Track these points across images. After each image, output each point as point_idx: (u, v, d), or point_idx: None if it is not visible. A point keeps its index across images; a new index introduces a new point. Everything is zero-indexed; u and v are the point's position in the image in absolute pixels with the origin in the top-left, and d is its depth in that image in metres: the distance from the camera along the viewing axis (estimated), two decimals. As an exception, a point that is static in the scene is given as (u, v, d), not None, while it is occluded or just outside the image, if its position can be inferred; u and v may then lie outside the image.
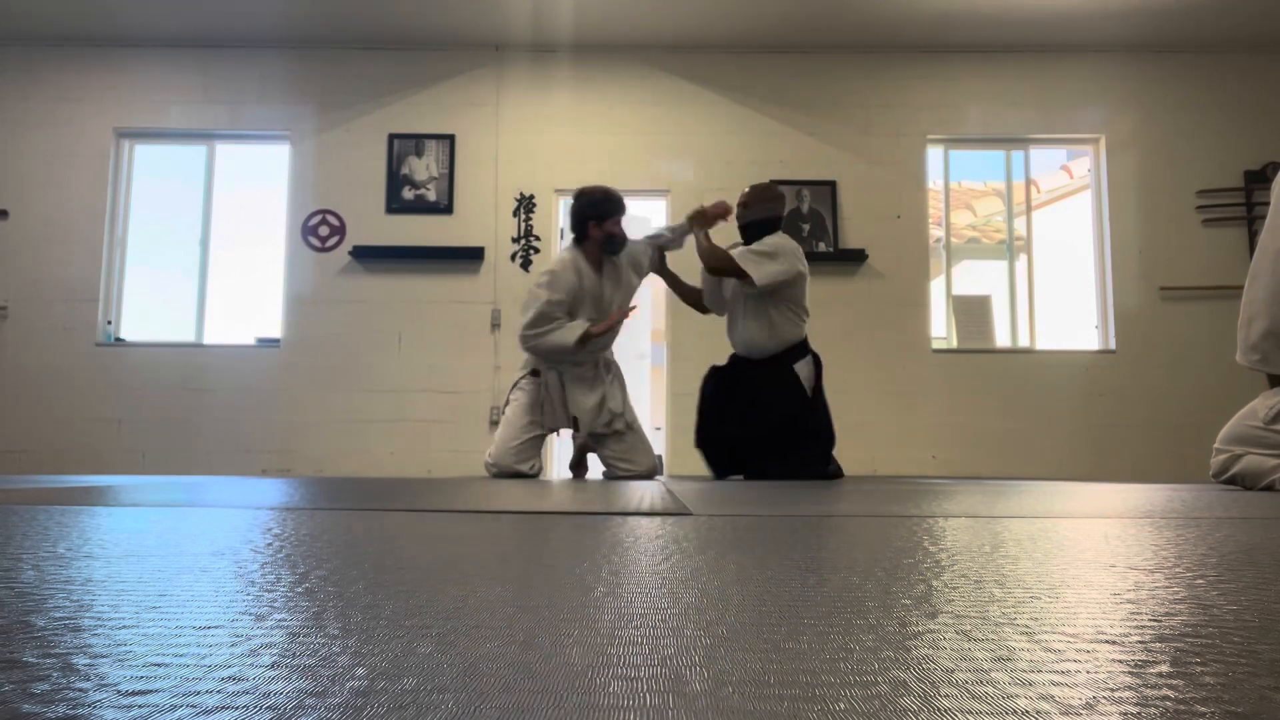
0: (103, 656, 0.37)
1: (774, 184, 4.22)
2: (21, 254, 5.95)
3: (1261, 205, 5.89)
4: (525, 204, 6.03)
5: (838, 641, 0.41)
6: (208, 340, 6.06)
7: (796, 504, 1.70)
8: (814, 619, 0.47)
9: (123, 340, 6.01)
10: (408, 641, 0.41)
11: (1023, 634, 0.43)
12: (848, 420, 5.86)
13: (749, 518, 1.29)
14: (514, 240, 6.00)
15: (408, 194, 6.05)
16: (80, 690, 0.32)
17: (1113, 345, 5.99)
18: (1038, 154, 6.60)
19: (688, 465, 5.22)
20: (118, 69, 6.14)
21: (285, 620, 0.46)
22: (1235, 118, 6.09)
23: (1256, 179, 5.99)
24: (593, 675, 0.35)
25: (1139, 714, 0.30)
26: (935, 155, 6.24)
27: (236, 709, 0.30)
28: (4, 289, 5.93)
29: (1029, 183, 6.39)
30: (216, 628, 0.44)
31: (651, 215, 6.52)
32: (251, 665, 0.36)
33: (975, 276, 7.54)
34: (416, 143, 6.08)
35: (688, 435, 4.13)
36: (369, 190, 6.05)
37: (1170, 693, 0.32)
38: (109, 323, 6.01)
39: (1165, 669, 0.36)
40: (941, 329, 6.18)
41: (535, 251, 5.99)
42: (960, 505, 1.63)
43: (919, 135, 6.14)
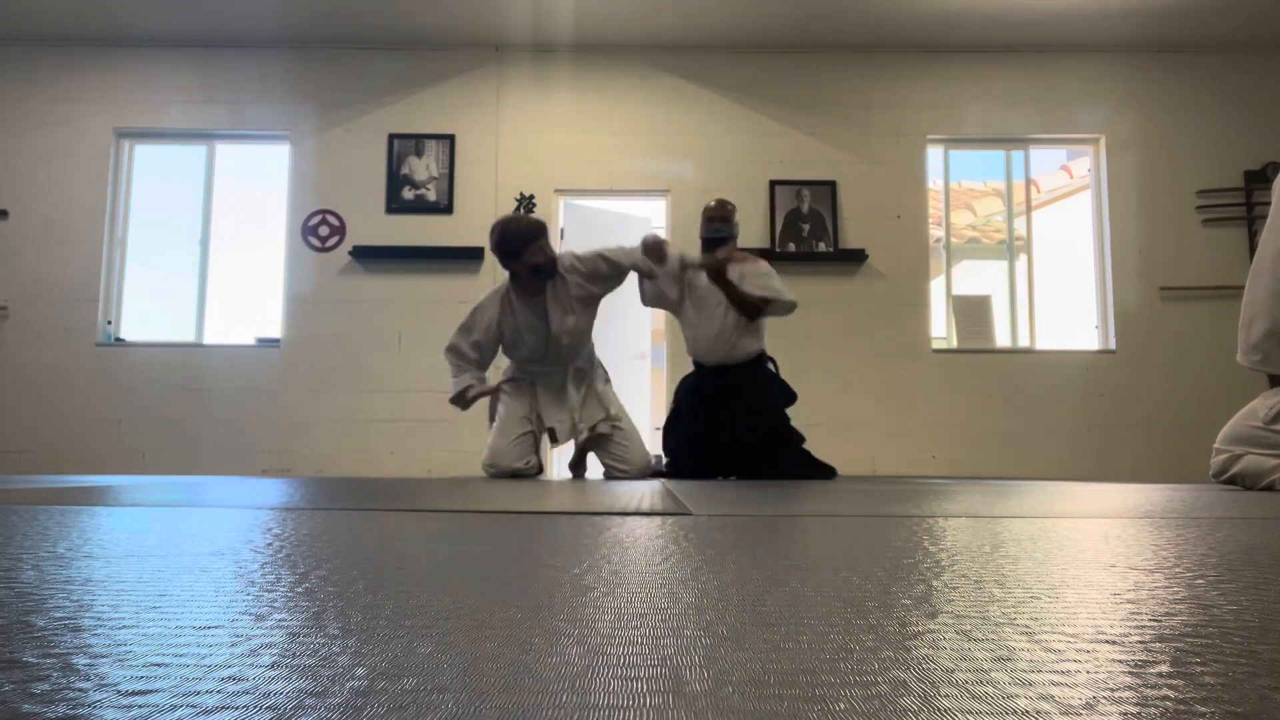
0: (103, 656, 0.37)
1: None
2: (21, 254, 5.95)
3: (1261, 205, 5.89)
4: (525, 204, 6.02)
5: (838, 641, 0.41)
6: (208, 340, 6.06)
7: (796, 504, 1.70)
8: (814, 619, 0.47)
9: (123, 340, 6.00)
10: (408, 641, 0.41)
11: (1023, 634, 0.43)
12: (848, 420, 5.88)
13: (748, 517, 1.29)
14: (514, 240, 5.99)
15: (408, 194, 6.05)
16: (80, 690, 0.32)
17: (1113, 345, 5.98)
18: (1038, 154, 6.59)
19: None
20: (118, 69, 6.14)
21: (285, 620, 0.46)
22: (1235, 118, 6.09)
23: (1256, 179, 5.99)
24: (592, 675, 0.35)
25: (1139, 714, 0.30)
26: (935, 155, 6.24)
27: (236, 709, 0.30)
28: (4, 289, 5.93)
29: (1029, 183, 6.39)
30: (216, 628, 0.44)
31: (651, 215, 6.52)
32: (251, 665, 0.36)
33: (975, 276, 7.54)
34: (416, 143, 6.08)
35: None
36: (369, 190, 6.05)
37: (1170, 693, 0.32)
38: (109, 323, 6.01)
39: (1165, 669, 0.36)
40: (941, 329, 6.18)
41: (535, 251, 5.98)
42: (960, 505, 1.63)
43: (919, 135, 6.14)
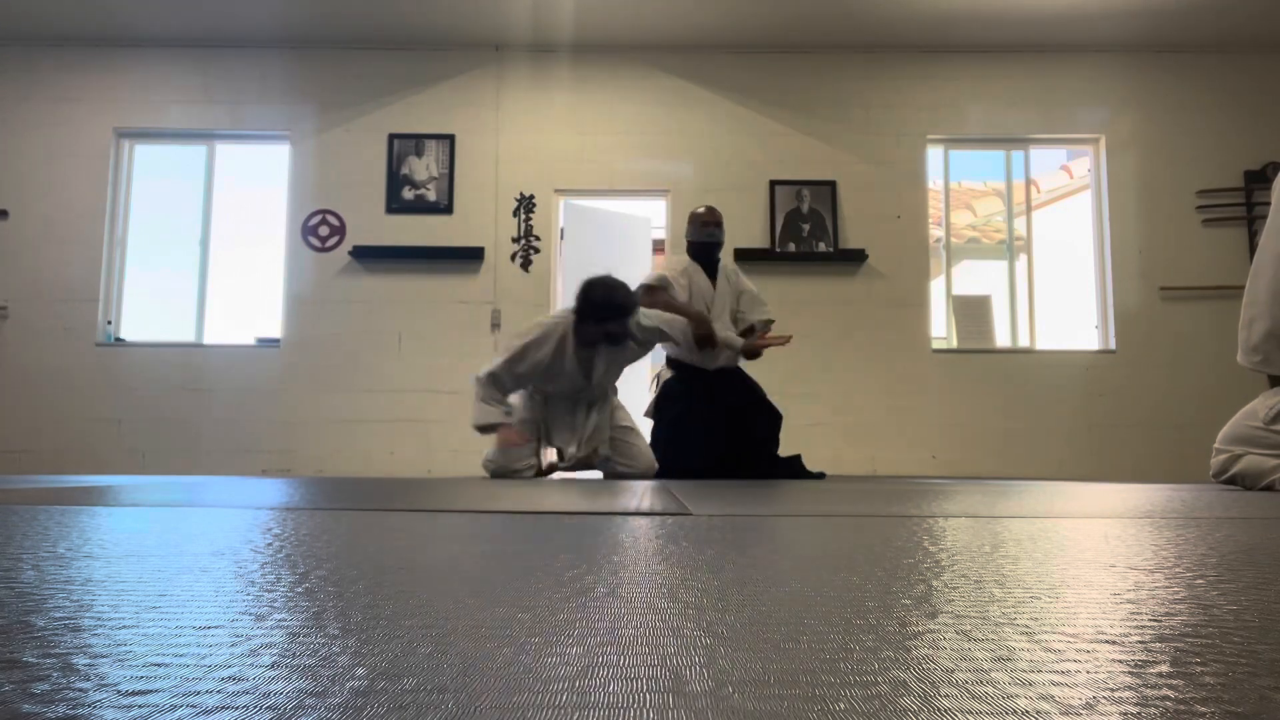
0: (103, 656, 0.37)
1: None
2: (21, 254, 5.95)
3: (1261, 205, 5.89)
4: (525, 204, 6.03)
5: (838, 641, 0.41)
6: (208, 340, 6.06)
7: (796, 504, 1.70)
8: (814, 619, 0.47)
9: (123, 340, 6.00)
10: (408, 641, 0.41)
11: (1023, 634, 0.43)
12: (848, 420, 5.88)
13: (748, 517, 1.29)
14: (514, 240, 6.00)
15: (408, 194, 6.05)
16: (80, 690, 0.32)
17: (1113, 345, 5.98)
18: (1038, 154, 6.59)
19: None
20: (118, 69, 6.14)
21: (285, 620, 0.46)
22: (1235, 118, 6.09)
23: (1256, 179, 5.99)
24: (592, 675, 0.35)
25: (1139, 714, 0.30)
26: (935, 155, 6.24)
27: (236, 709, 0.30)
28: (4, 289, 5.93)
29: (1029, 183, 6.39)
30: (216, 628, 0.44)
31: (651, 215, 6.53)
32: (251, 665, 0.36)
33: (975, 276, 7.55)
34: (416, 143, 6.08)
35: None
36: (369, 190, 6.05)
37: (1170, 693, 0.32)
38: (109, 323, 6.01)
39: (1165, 669, 0.36)
40: (941, 329, 6.18)
41: (535, 251, 5.99)
42: (960, 505, 1.63)
43: (919, 135, 6.14)
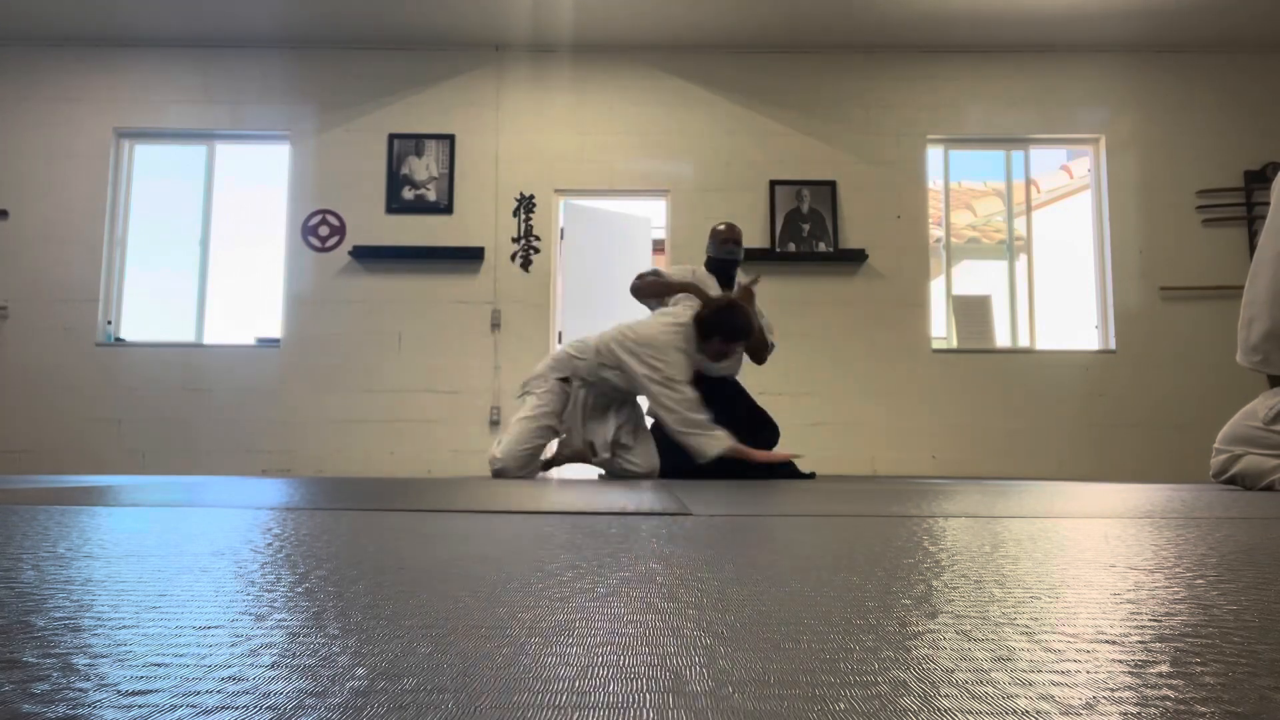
0: (103, 656, 0.37)
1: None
2: (21, 254, 5.95)
3: (1261, 205, 5.89)
4: (525, 204, 6.03)
5: (838, 641, 0.41)
6: (208, 340, 6.06)
7: (796, 504, 1.70)
8: (814, 619, 0.47)
9: (123, 340, 6.01)
10: (408, 641, 0.41)
11: (1023, 634, 0.43)
12: (848, 420, 5.88)
13: (748, 517, 1.29)
14: (514, 240, 6.00)
15: (408, 194, 6.05)
16: (80, 690, 0.32)
17: (1113, 345, 5.98)
18: (1038, 154, 6.59)
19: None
20: (118, 69, 6.14)
21: (285, 620, 0.46)
22: (1235, 118, 6.09)
23: (1256, 179, 5.99)
24: (592, 675, 0.35)
25: (1139, 714, 0.30)
26: (935, 155, 6.24)
27: (236, 709, 0.30)
28: (4, 289, 5.93)
29: (1029, 183, 6.39)
30: (216, 628, 0.44)
31: (651, 215, 6.53)
32: (251, 665, 0.36)
33: (975, 276, 7.55)
34: (416, 143, 6.08)
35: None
36: (369, 190, 6.05)
37: (1170, 693, 0.32)
38: (109, 323, 6.01)
39: (1165, 669, 0.36)
40: (941, 329, 6.18)
41: (535, 251, 5.99)
42: (960, 505, 1.63)
43: (919, 135, 6.14)
